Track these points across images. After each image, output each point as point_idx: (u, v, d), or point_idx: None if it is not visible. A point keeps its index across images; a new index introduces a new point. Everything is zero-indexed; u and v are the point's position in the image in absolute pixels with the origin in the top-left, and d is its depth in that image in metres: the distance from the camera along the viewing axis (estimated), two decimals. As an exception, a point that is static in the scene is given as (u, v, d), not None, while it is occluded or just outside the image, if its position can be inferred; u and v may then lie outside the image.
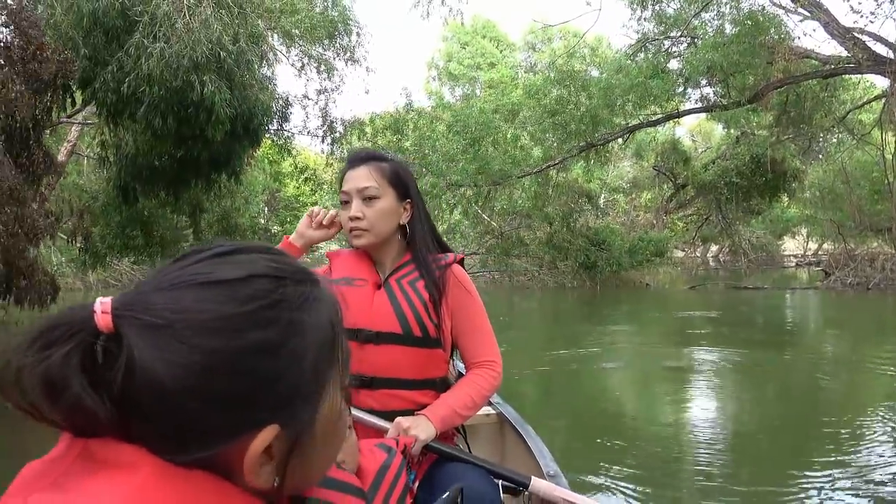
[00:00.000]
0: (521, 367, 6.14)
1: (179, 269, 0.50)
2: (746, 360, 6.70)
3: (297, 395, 0.48)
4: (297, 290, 0.51)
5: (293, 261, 0.53)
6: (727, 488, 3.26)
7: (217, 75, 8.68)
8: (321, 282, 0.54)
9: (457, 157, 14.88)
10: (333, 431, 0.53)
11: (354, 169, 1.51)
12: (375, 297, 1.48)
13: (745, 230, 26.75)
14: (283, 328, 0.48)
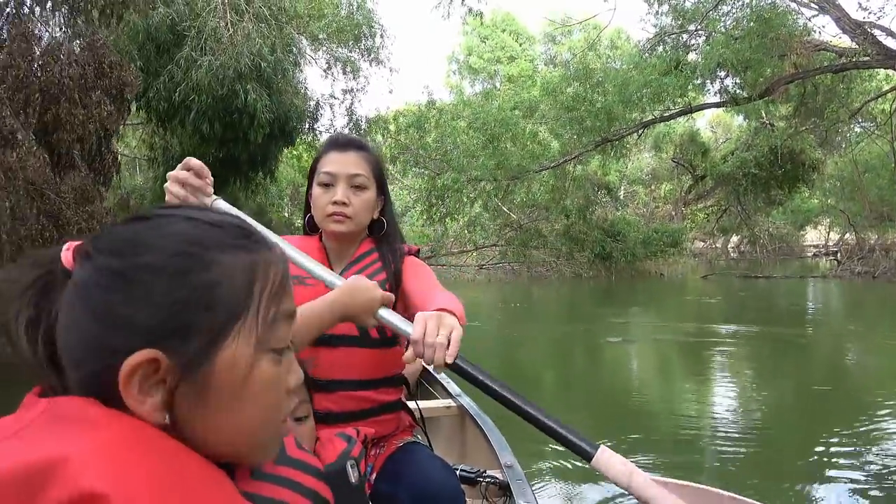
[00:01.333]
0: (538, 344, 7.04)
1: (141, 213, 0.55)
2: (739, 337, 7.54)
3: (186, 325, 0.49)
4: (217, 235, 0.53)
5: (241, 222, 0.56)
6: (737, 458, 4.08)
7: (258, 83, 9.68)
8: (260, 244, 0.56)
9: (477, 153, 15.72)
10: (246, 387, 0.52)
11: (343, 153, 1.47)
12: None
13: (764, 221, 27.13)
14: (188, 260, 0.51)
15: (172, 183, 1.30)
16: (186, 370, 0.50)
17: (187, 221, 0.53)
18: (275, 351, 0.55)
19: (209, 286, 0.51)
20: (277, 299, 0.55)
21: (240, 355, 0.52)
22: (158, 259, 0.50)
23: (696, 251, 31.20)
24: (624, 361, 6.84)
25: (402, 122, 17.32)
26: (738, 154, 23.40)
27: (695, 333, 7.76)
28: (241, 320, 0.52)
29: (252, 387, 0.53)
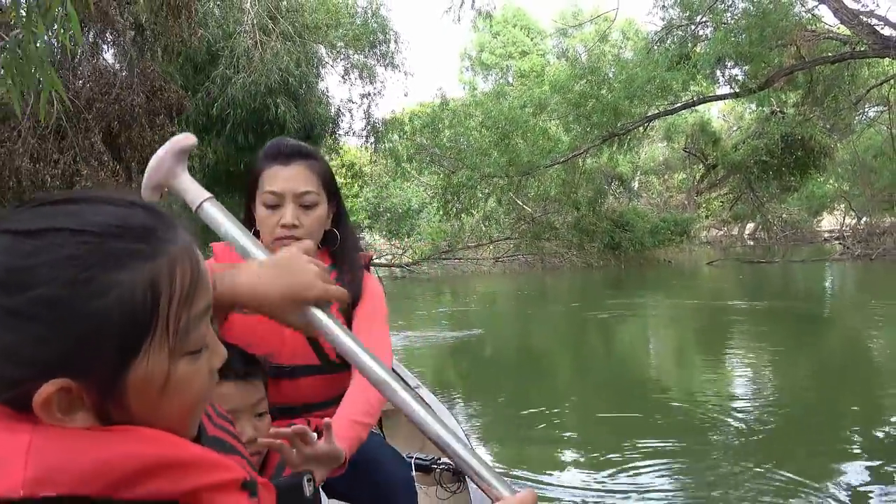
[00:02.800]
0: (548, 322, 8.12)
1: (10, 215, 0.52)
2: (728, 311, 8.59)
3: (90, 354, 0.49)
4: (111, 248, 0.50)
5: (136, 215, 0.53)
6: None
7: (286, 97, 10.84)
8: (162, 241, 0.53)
9: (489, 150, 16.78)
10: (165, 391, 0.53)
11: (287, 166, 1.36)
12: (286, 332, 1.29)
13: (778, 207, 27.76)
14: (82, 288, 0.48)
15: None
16: (100, 391, 0.50)
17: (76, 236, 0.49)
18: (192, 353, 0.55)
19: (108, 313, 0.49)
20: (188, 303, 0.54)
21: (153, 370, 0.52)
22: (49, 292, 0.47)
23: (712, 239, 31.90)
24: (620, 334, 7.96)
25: (417, 122, 18.42)
26: (748, 142, 24.12)
27: (688, 309, 8.92)
28: (150, 336, 0.51)
29: (172, 391, 0.54)
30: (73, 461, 0.48)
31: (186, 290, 0.54)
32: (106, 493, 0.48)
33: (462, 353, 7.30)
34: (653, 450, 3.78)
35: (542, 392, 5.37)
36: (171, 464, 0.51)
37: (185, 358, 0.54)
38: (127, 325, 0.50)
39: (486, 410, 4.94)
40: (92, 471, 0.48)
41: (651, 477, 3.41)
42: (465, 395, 5.30)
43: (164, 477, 0.51)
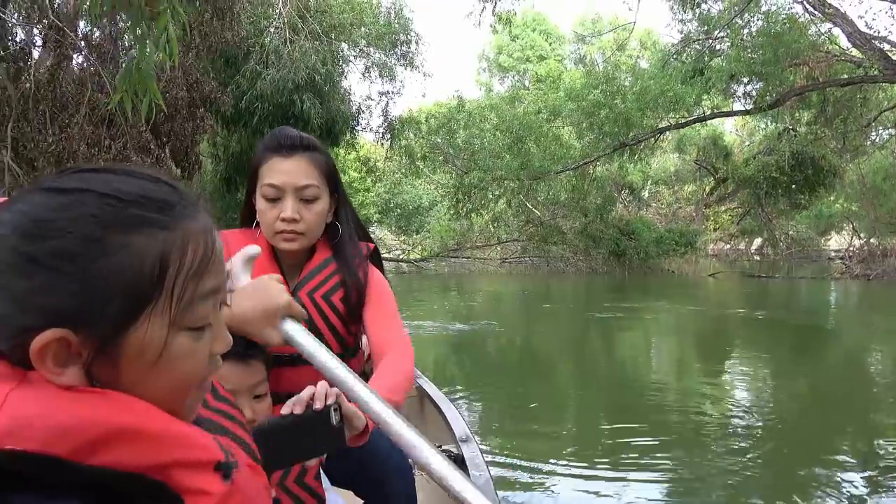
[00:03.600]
0: (550, 321, 8.72)
1: (50, 177, 0.55)
2: (719, 319, 9.17)
3: (94, 310, 0.51)
4: (130, 213, 0.53)
5: (160, 189, 0.56)
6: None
7: (312, 94, 11.46)
8: (180, 216, 0.55)
9: (502, 153, 17.38)
10: (159, 362, 0.54)
11: (288, 158, 1.34)
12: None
13: (786, 224, 28.19)
14: (97, 245, 0.51)
15: None
16: (97, 348, 0.52)
17: (101, 199, 0.53)
18: (193, 329, 0.56)
19: (117, 272, 0.52)
20: (196, 279, 0.56)
21: (151, 337, 0.54)
22: (66, 245, 0.50)
23: (719, 252, 32.36)
24: (616, 334, 8.57)
25: (433, 122, 19.03)
26: (759, 158, 24.58)
27: (684, 315, 9.59)
28: (153, 304, 0.53)
29: (166, 363, 0.55)
30: (44, 417, 0.49)
31: (196, 266, 0.56)
32: (75, 457, 0.49)
33: (464, 346, 7.91)
34: (645, 445, 4.01)
35: (539, 385, 5.85)
36: (140, 434, 0.52)
37: (184, 333, 0.56)
38: (132, 286, 0.52)
39: (486, 401, 5.32)
40: (60, 429, 0.49)
41: (578, 468, 3.54)
42: (464, 385, 5.75)
43: (130, 446, 0.51)
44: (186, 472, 0.54)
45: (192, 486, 0.54)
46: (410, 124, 19.41)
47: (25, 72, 6.68)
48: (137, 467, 0.51)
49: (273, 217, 1.33)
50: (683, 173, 29.58)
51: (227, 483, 0.56)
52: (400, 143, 19.10)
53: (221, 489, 0.56)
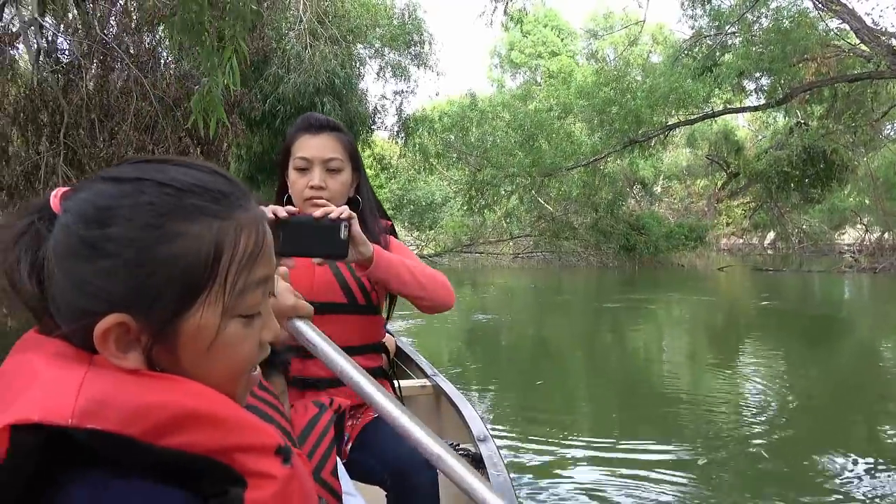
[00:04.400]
0: (560, 313, 9.32)
1: (112, 167, 0.59)
2: (723, 310, 9.75)
3: (152, 295, 0.54)
4: (187, 202, 0.55)
5: (216, 180, 0.58)
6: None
7: (332, 96, 12.11)
8: (234, 206, 0.58)
9: (514, 151, 17.95)
10: (213, 349, 0.57)
11: (316, 136, 1.55)
12: (317, 270, 1.53)
13: (799, 219, 28.50)
14: (155, 232, 0.54)
15: None
16: (155, 333, 0.55)
17: (159, 187, 0.55)
18: (244, 316, 0.59)
19: (174, 259, 0.54)
20: (248, 268, 0.58)
21: (205, 323, 0.56)
22: (126, 231, 0.53)
23: (732, 247, 32.71)
24: (624, 322, 9.16)
25: (447, 121, 19.64)
26: (771, 152, 24.91)
27: (689, 305, 10.20)
28: (207, 291, 0.56)
29: (220, 349, 0.58)
30: (120, 399, 0.51)
31: (249, 254, 0.58)
32: (147, 438, 0.51)
33: (477, 336, 8.52)
34: (657, 431, 4.17)
35: (551, 372, 6.27)
36: (209, 418, 0.54)
37: (237, 320, 0.58)
38: (188, 273, 0.55)
39: (499, 389, 5.52)
40: (135, 411, 0.51)
41: (600, 470, 3.53)
42: (477, 374, 6.11)
43: (199, 430, 0.53)
44: (250, 455, 0.56)
45: (256, 469, 0.56)
46: (424, 122, 20.03)
47: (76, 84, 7.37)
48: (204, 450, 0.53)
49: (302, 185, 1.52)
50: (695, 168, 29.94)
51: (287, 466, 0.58)
52: (414, 141, 19.72)
53: (284, 473, 0.57)
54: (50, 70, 7.48)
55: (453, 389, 2.19)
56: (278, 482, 0.57)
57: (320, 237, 1.20)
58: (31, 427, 0.49)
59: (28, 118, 7.33)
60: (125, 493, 0.51)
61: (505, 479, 1.57)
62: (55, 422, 0.49)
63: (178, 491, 0.53)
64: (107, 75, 7.37)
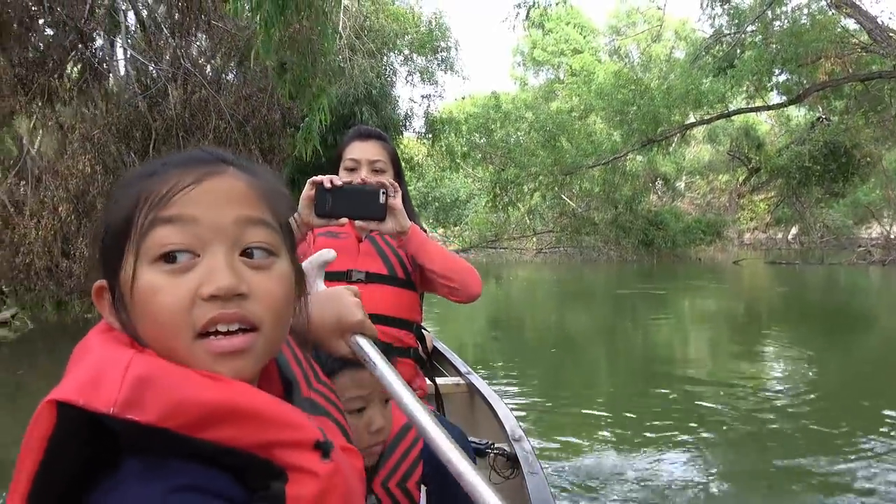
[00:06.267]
0: (583, 301, 10.69)
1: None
2: (731, 296, 11.07)
3: (105, 257, 0.62)
4: (135, 173, 0.63)
5: (186, 153, 0.64)
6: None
7: (369, 105, 13.57)
8: (169, 166, 0.62)
9: (536, 151, 19.31)
10: (138, 299, 0.59)
11: (365, 142, 1.84)
12: (361, 245, 1.77)
13: (822, 213, 29.28)
14: (109, 202, 0.63)
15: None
16: (113, 294, 0.62)
17: (142, 167, 0.64)
18: (163, 259, 0.59)
19: (112, 221, 0.61)
20: (158, 207, 0.59)
21: (126, 274, 0.59)
22: (105, 205, 0.64)
23: (755, 241, 33.55)
24: (639, 309, 10.53)
25: (472, 123, 21.05)
26: (793, 147, 25.78)
27: (700, 294, 11.50)
28: (128, 239, 0.60)
29: (140, 298, 0.59)
30: (160, 393, 0.54)
31: (161, 196, 0.59)
32: (185, 431, 0.54)
33: (503, 324, 9.91)
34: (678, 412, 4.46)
35: (574, 357, 6.98)
36: (245, 413, 0.56)
37: (156, 268, 0.59)
38: (116, 229, 0.61)
39: (525, 375, 5.89)
40: (174, 405, 0.54)
41: (637, 470, 3.51)
42: (504, 360, 6.71)
43: (237, 425, 0.56)
44: (288, 450, 0.58)
45: (296, 463, 0.58)
46: (451, 124, 21.44)
47: (162, 104, 8.93)
48: (244, 444, 0.56)
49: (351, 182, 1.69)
50: (717, 164, 30.90)
51: (327, 462, 0.60)
52: (441, 142, 21.14)
53: (325, 468, 0.60)
54: (140, 93, 9.05)
55: (487, 388, 2.26)
56: (319, 477, 0.59)
57: (363, 201, 1.42)
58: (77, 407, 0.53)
59: (123, 135, 8.88)
60: (180, 469, 0.55)
61: (541, 479, 1.61)
62: (98, 410, 0.53)
63: (226, 475, 0.56)
64: (189, 98, 8.91)
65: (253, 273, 0.61)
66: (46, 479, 0.54)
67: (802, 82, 18.73)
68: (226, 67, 9.65)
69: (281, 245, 0.65)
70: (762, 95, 20.14)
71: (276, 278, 0.63)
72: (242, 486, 0.57)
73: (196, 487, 0.54)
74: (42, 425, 0.54)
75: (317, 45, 9.28)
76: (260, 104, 9.40)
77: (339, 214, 1.42)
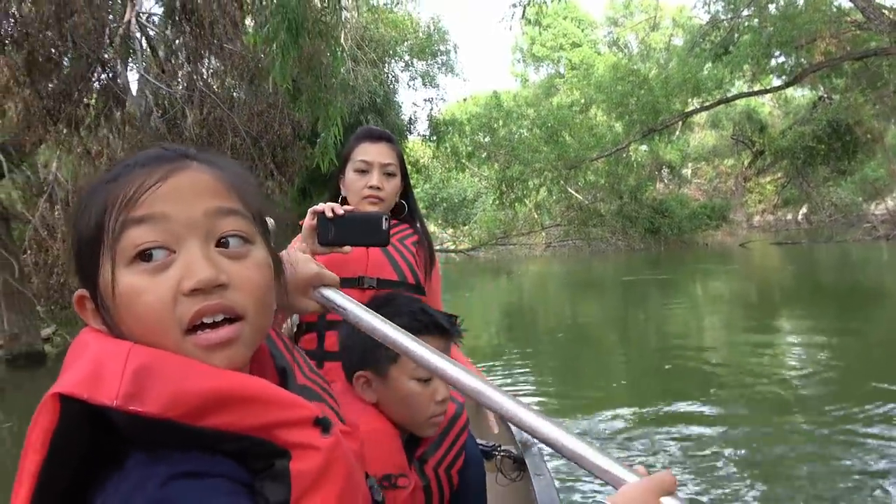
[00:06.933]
0: (592, 289, 11.21)
1: None
2: (733, 274, 11.54)
3: (80, 265, 0.63)
4: (99, 181, 0.64)
5: (140, 154, 0.66)
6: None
7: (374, 113, 14.14)
8: (132, 166, 0.63)
9: (539, 147, 19.81)
10: (120, 302, 0.60)
11: (375, 144, 1.83)
12: (371, 251, 1.75)
13: (829, 191, 29.51)
14: (78, 209, 0.63)
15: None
16: (94, 300, 0.62)
17: (105, 175, 0.65)
18: (139, 259, 0.60)
19: (82, 227, 0.62)
20: (127, 209, 0.60)
21: (105, 278, 0.60)
22: (73, 215, 0.64)
23: (765, 223, 33.80)
24: (647, 294, 11.01)
25: (475, 123, 21.60)
26: (796, 128, 26.10)
27: (705, 275, 11.97)
28: (102, 245, 0.60)
29: (123, 301, 0.60)
30: (161, 383, 0.56)
31: (128, 199, 0.60)
32: (186, 420, 0.56)
33: (517, 313, 10.45)
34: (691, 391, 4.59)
35: (587, 342, 7.52)
36: (245, 398, 0.58)
37: (134, 269, 0.60)
38: (88, 237, 0.62)
39: (538, 358, 6.36)
40: (175, 395, 0.56)
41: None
42: (519, 344, 7.59)
43: (235, 410, 0.57)
44: (288, 429, 0.60)
45: (297, 441, 0.60)
46: (454, 125, 21.99)
47: (182, 125, 9.54)
48: (244, 428, 0.58)
49: (361, 185, 1.78)
50: (721, 149, 31.22)
51: (328, 437, 0.62)
52: (446, 143, 21.70)
53: (326, 442, 0.62)
54: (159, 116, 9.66)
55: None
56: (322, 452, 0.61)
57: (366, 228, 1.40)
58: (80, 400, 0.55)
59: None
60: (182, 458, 0.56)
61: (547, 481, 1.62)
62: (102, 402, 0.55)
63: (230, 461, 0.58)
64: (206, 118, 9.51)
65: (231, 262, 0.63)
66: (51, 473, 0.55)
67: (802, 63, 19.08)
68: (238, 86, 10.25)
69: (255, 232, 0.67)
70: (760, 79, 20.51)
71: (253, 265, 0.64)
72: (246, 470, 0.59)
73: (196, 473, 0.55)
74: (45, 419, 0.55)
75: (328, 68, 9.93)
76: (272, 120, 10.00)
77: (342, 243, 1.44)
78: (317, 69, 8.49)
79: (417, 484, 1.24)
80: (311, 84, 8.95)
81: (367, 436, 0.76)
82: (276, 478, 0.59)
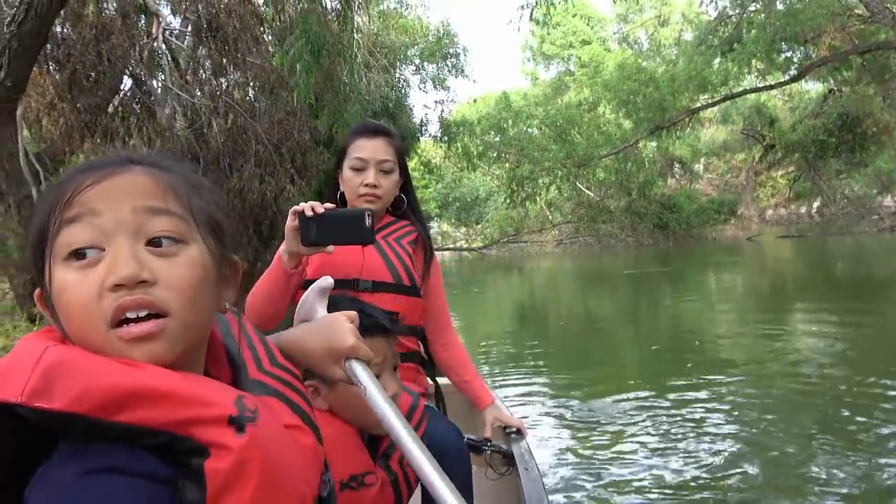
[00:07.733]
0: (602, 283, 11.85)
1: None
2: (738, 266, 12.12)
3: (35, 267, 0.65)
4: (53, 186, 0.66)
5: (95, 160, 0.68)
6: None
7: (387, 117, 14.84)
8: (79, 172, 0.66)
9: (548, 146, 20.42)
10: (59, 300, 0.63)
11: (372, 139, 1.79)
12: (366, 253, 1.74)
13: (841, 184, 29.75)
14: (33, 214, 0.66)
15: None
16: (45, 300, 0.65)
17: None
18: (73, 257, 0.63)
19: (32, 230, 0.65)
20: (63, 209, 0.63)
21: (47, 277, 0.63)
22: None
23: (779, 217, 34.10)
24: (654, 286, 11.63)
25: (485, 123, 22.26)
26: (806, 122, 26.40)
27: (712, 268, 12.62)
28: (45, 246, 0.64)
29: (58, 297, 0.63)
30: (70, 380, 0.57)
31: (66, 200, 0.63)
32: (97, 415, 0.57)
33: (530, 308, 11.09)
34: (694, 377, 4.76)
35: (599, 334, 7.81)
36: (155, 394, 0.59)
37: (67, 265, 0.63)
38: (38, 240, 0.65)
39: (550, 343, 6.88)
40: (82, 391, 0.56)
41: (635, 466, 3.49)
42: (533, 337, 7.80)
43: (148, 405, 0.58)
44: (203, 427, 0.61)
45: (211, 439, 0.61)
46: (465, 126, 22.64)
47: (209, 134, 10.31)
48: (157, 424, 0.59)
49: (357, 183, 1.77)
50: (732, 143, 31.54)
51: (241, 436, 0.62)
52: (457, 143, 22.36)
53: (239, 443, 0.62)
54: (187, 126, 10.43)
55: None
56: (233, 451, 0.61)
57: (348, 226, 1.41)
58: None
59: (175, 164, 10.23)
60: (102, 452, 0.57)
61: (535, 476, 1.68)
62: (5, 400, 0.56)
63: (152, 456, 0.59)
64: (231, 127, 10.27)
65: (159, 260, 0.65)
66: None
67: (811, 56, 19.49)
68: (259, 97, 11.01)
69: (192, 233, 0.68)
70: (765, 74, 20.90)
71: (183, 264, 0.66)
72: (169, 465, 0.60)
73: (114, 469, 0.57)
74: None
75: (347, 84, 10.71)
76: (291, 127, 10.75)
77: (325, 242, 1.44)
78: (336, 83, 9.25)
79: (385, 480, 1.27)
80: (332, 99, 9.74)
81: (325, 441, 0.78)
82: (192, 476, 0.60)
